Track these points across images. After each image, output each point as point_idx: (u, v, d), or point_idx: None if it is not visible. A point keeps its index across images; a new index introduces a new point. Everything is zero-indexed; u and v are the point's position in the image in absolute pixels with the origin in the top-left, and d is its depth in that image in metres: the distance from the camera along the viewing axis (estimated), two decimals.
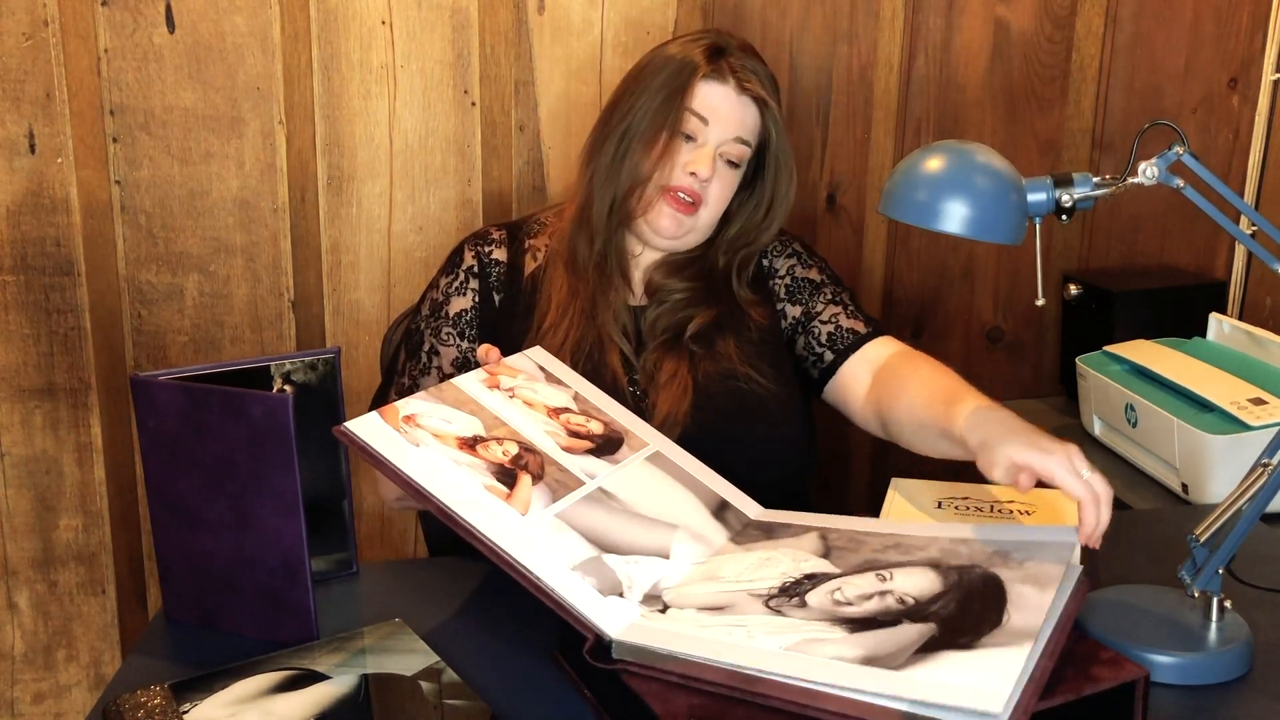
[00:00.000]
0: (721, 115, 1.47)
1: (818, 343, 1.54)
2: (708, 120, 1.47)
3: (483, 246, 1.55)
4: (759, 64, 1.51)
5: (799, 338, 1.56)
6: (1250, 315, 2.29)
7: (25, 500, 2.03)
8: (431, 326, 1.52)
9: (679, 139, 1.47)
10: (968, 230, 1.13)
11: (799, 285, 1.57)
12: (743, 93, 1.48)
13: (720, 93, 1.47)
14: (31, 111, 1.90)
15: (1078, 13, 2.16)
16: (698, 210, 1.49)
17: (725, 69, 1.48)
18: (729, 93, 1.47)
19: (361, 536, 2.09)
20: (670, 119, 1.46)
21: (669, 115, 1.46)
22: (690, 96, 1.46)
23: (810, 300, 1.56)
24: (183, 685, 1.07)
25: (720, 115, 1.47)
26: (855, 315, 1.55)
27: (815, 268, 1.59)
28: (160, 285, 2.00)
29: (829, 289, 1.57)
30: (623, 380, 1.45)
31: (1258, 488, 1.13)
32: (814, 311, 1.55)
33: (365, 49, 1.97)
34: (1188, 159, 1.11)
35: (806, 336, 1.55)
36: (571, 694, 1.08)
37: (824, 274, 1.59)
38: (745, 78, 1.48)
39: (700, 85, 1.47)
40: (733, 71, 1.48)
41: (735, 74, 1.48)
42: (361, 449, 1.10)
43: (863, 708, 0.91)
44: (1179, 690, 1.09)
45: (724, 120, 1.47)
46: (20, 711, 2.10)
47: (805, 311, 1.56)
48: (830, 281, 1.58)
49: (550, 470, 1.17)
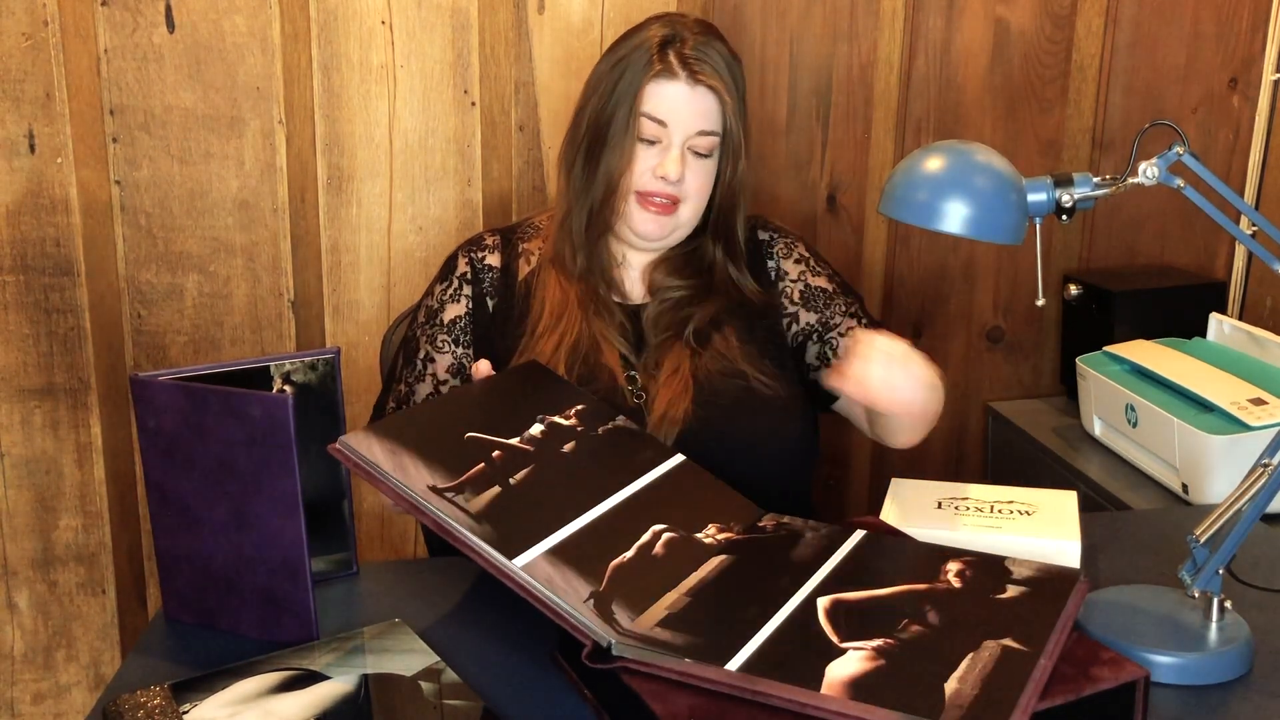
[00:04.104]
0: (679, 113, 1.44)
1: (834, 353, 1.54)
2: (665, 122, 1.44)
3: (476, 252, 1.55)
4: (712, 44, 1.45)
5: (812, 345, 1.55)
6: (1250, 315, 2.29)
7: (25, 500, 2.03)
8: (427, 334, 1.52)
9: (640, 144, 1.45)
10: (968, 230, 1.13)
11: (813, 293, 1.56)
12: (696, 84, 1.43)
13: (673, 90, 1.44)
14: (31, 111, 1.90)
15: (1078, 13, 2.16)
16: (677, 208, 1.48)
17: (674, 63, 1.43)
18: (681, 88, 1.43)
19: (361, 536, 2.09)
20: (628, 126, 1.43)
21: (626, 123, 1.43)
22: (642, 101, 1.43)
23: (826, 309, 1.55)
24: (183, 685, 1.07)
25: (677, 113, 1.44)
26: (869, 327, 1.54)
27: (825, 275, 1.58)
28: (160, 285, 2.00)
29: (841, 300, 1.57)
30: (621, 380, 1.45)
31: (1258, 488, 1.13)
32: (831, 322, 1.54)
33: (365, 49, 1.97)
34: (1188, 159, 1.11)
35: (822, 346, 1.54)
36: (571, 694, 1.08)
37: (834, 282, 1.58)
38: (697, 68, 1.43)
39: (651, 87, 1.43)
40: (683, 63, 1.43)
41: (686, 65, 1.43)
42: (357, 466, 1.10)
43: (863, 709, 0.91)
44: (1179, 690, 1.09)
45: (682, 118, 1.44)
46: (20, 711, 2.10)
47: (822, 320, 1.55)
48: (842, 291, 1.58)
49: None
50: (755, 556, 1.16)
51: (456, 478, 1.12)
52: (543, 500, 1.15)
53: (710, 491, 1.27)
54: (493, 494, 1.12)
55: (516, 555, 1.05)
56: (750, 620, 1.03)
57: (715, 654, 0.98)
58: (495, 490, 1.13)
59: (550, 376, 1.37)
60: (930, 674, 0.94)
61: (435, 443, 1.16)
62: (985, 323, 2.28)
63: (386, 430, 1.15)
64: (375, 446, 1.12)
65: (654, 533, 1.15)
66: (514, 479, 1.16)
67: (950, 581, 1.10)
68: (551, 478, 1.19)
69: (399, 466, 1.10)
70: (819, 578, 1.11)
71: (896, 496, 1.40)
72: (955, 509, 1.37)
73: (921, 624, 1.02)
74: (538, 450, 1.21)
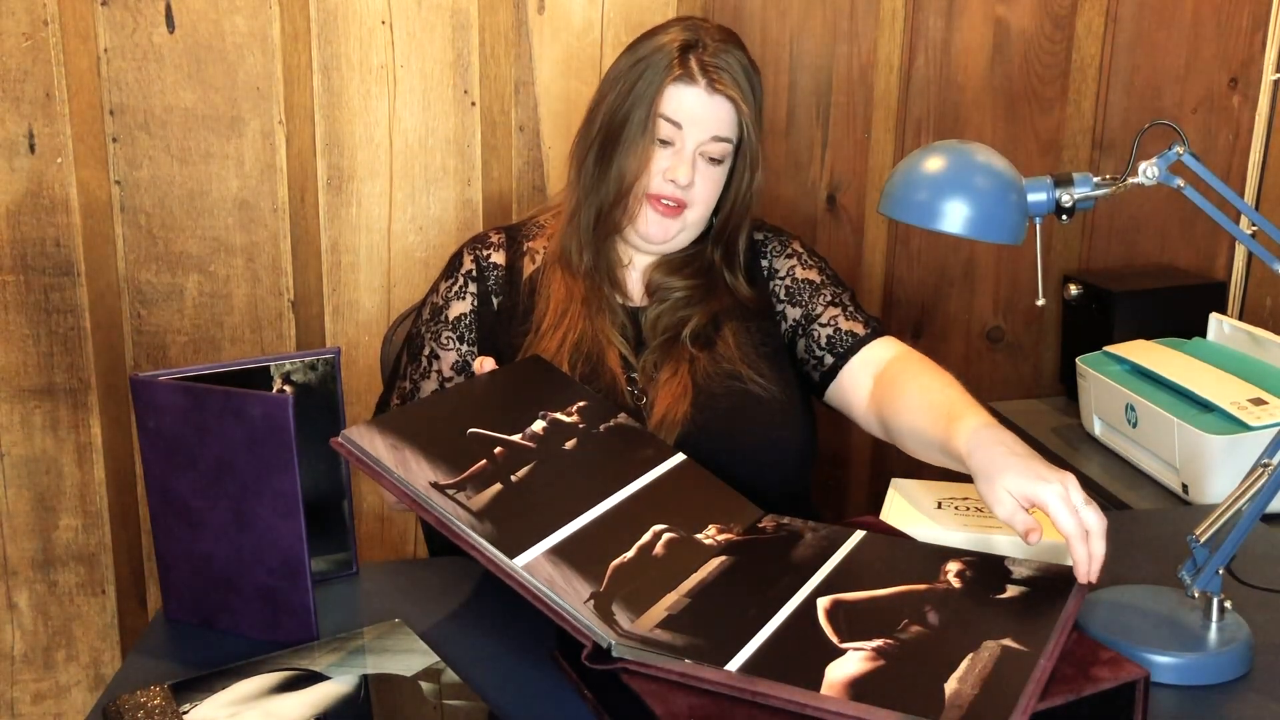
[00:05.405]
0: (695, 118, 1.45)
1: (818, 346, 1.53)
2: (681, 125, 1.45)
3: (481, 250, 1.55)
4: (732, 53, 1.46)
5: (799, 340, 1.55)
6: (1250, 315, 2.29)
7: (25, 500, 2.03)
8: (431, 331, 1.52)
9: (656, 145, 1.45)
10: (968, 230, 1.13)
11: (799, 287, 1.56)
12: (714, 92, 1.44)
13: (691, 95, 1.44)
14: (31, 111, 1.90)
15: (1078, 12, 2.16)
16: (684, 212, 1.48)
17: (695, 69, 1.44)
18: (700, 94, 1.44)
19: (361, 536, 2.09)
20: (645, 127, 1.44)
21: (643, 124, 1.44)
22: (661, 102, 1.44)
23: (810, 302, 1.55)
24: (183, 685, 1.07)
25: (694, 118, 1.45)
26: (854, 317, 1.54)
27: (815, 268, 1.58)
28: (160, 285, 2.00)
29: (829, 290, 1.56)
30: (621, 381, 1.45)
31: (1258, 488, 1.13)
32: (813, 314, 1.54)
33: (365, 49, 1.97)
34: (1188, 159, 1.11)
35: (807, 339, 1.54)
36: (571, 694, 1.08)
37: (824, 275, 1.58)
38: (716, 77, 1.44)
39: (670, 89, 1.44)
40: (703, 70, 1.44)
41: (706, 73, 1.44)
42: (359, 460, 1.10)
43: (863, 709, 0.91)
44: (1179, 690, 1.09)
45: (698, 123, 1.45)
46: (20, 712, 2.10)
47: (805, 314, 1.55)
48: (830, 282, 1.57)
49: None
50: (755, 557, 1.16)
51: (458, 474, 1.12)
52: (544, 498, 1.15)
53: (711, 491, 1.27)
54: (494, 491, 1.12)
55: (517, 554, 1.05)
56: (750, 621, 1.03)
57: (715, 655, 0.97)
58: (497, 487, 1.13)
59: (552, 372, 1.37)
60: (930, 674, 0.94)
61: (437, 438, 1.16)
62: (985, 323, 2.28)
63: (389, 425, 1.15)
64: (378, 441, 1.12)
65: (654, 533, 1.15)
66: (515, 476, 1.16)
67: (950, 582, 1.10)
68: (553, 475, 1.19)
69: (401, 462, 1.10)
70: (819, 578, 1.11)
71: (896, 496, 1.40)
72: (955, 509, 1.37)
73: (921, 624, 1.02)
74: (539, 447, 1.21)
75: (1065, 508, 1.11)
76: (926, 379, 1.40)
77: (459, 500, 1.09)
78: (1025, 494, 1.13)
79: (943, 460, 1.31)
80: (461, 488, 1.11)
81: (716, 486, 1.28)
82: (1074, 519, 1.11)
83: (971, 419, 1.25)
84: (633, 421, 1.33)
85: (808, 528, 1.23)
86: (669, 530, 1.17)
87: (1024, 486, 1.13)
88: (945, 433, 1.27)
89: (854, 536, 1.20)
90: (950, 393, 1.35)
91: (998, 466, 1.17)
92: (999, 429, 1.23)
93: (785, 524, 1.24)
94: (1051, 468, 1.15)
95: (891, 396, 1.43)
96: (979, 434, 1.22)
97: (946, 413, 1.30)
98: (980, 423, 1.24)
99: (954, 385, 1.37)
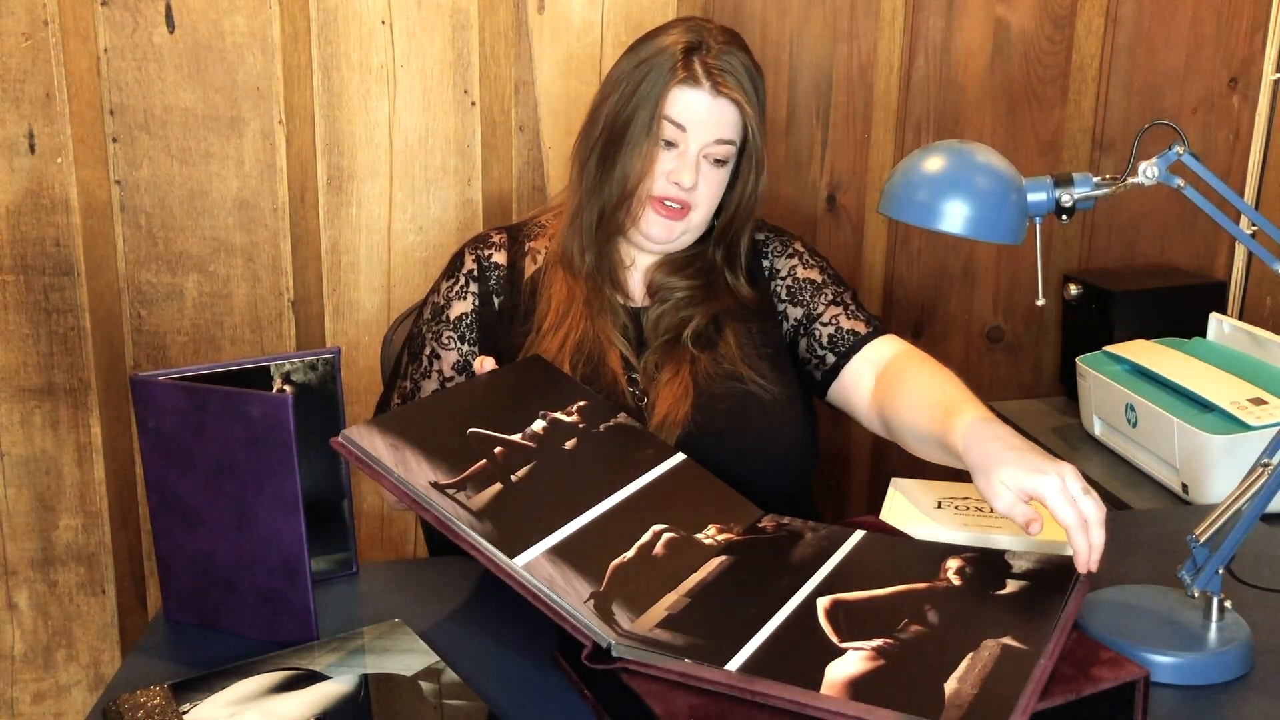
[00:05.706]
0: (699, 120, 1.44)
1: (819, 345, 1.53)
2: (685, 127, 1.44)
3: (482, 250, 1.55)
4: (736, 54, 1.46)
5: (801, 340, 1.55)
6: (1250, 315, 2.29)
7: (25, 500, 2.03)
8: (433, 330, 1.52)
9: (659, 148, 1.45)
10: (968, 230, 1.13)
11: (800, 286, 1.56)
12: (719, 95, 1.44)
13: (696, 98, 1.44)
14: (31, 111, 1.90)
15: (1078, 13, 2.16)
16: (687, 214, 1.48)
17: (699, 71, 1.44)
18: (704, 97, 1.44)
19: (361, 536, 2.09)
20: (648, 129, 1.44)
21: (647, 126, 1.44)
22: (665, 104, 1.44)
23: (811, 301, 1.55)
24: (183, 685, 1.07)
25: (698, 120, 1.44)
26: (856, 315, 1.54)
27: (816, 268, 1.58)
28: (160, 285, 2.00)
29: (830, 289, 1.56)
30: (622, 381, 1.45)
31: (1258, 488, 1.13)
32: (815, 313, 1.54)
33: (365, 49, 1.97)
34: (1188, 159, 1.11)
35: (808, 338, 1.54)
36: (571, 694, 1.08)
37: (825, 274, 1.58)
38: (720, 79, 1.44)
39: (674, 91, 1.44)
40: (707, 73, 1.44)
41: (710, 75, 1.44)
42: (359, 460, 1.10)
43: (863, 709, 0.91)
44: (1179, 690, 1.09)
45: (702, 125, 1.44)
46: (20, 711, 2.10)
47: (806, 313, 1.55)
48: (831, 281, 1.57)
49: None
50: (755, 557, 1.16)
51: (458, 474, 1.12)
52: (544, 498, 1.15)
53: (711, 491, 1.27)
54: (494, 491, 1.12)
55: (518, 554, 1.05)
56: (750, 621, 1.03)
57: (715, 655, 0.98)
58: (497, 487, 1.13)
59: (552, 372, 1.37)
60: (930, 674, 0.94)
61: (437, 438, 1.16)
62: (985, 323, 2.28)
63: (389, 424, 1.15)
64: (378, 440, 1.12)
65: (654, 533, 1.15)
66: (515, 476, 1.16)
67: (950, 580, 1.10)
68: (553, 475, 1.19)
69: (401, 461, 1.10)
70: (819, 578, 1.11)
71: (896, 496, 1.40)
72: (955, 509, 1.37)
73: (921, 623, 1.02)
74: (539, 447, 1.21)
75: (1063, 499, 1.11)
76: (927, 376, 1.40)
77: (459, 500, 1.09)
78: (1022, 486, 1.13)
79: (942, 457, 1.31)
80: (461, 487, 1.11)
81: (716, 486, 1.28)
82: (1072, 509, 1.10)
83: (968, 414, 1.25)
84: (633, 421, 1.33)
85: (808, 528, 1.23)
86: (669, 530, 1.17)
87: (1021, 479, 1.13)
88: (943, 429, 1.27)
89: (854, 536, 1.20)
90: (949, 389, 1.35)
91: (994, 460, 1.16)
92: (995, 423, 1.23)
93: (785, 524, 1.24)
94: (1048, 458, 1.15)
95: (892, 394, 1.43)
96: (975, 428, 1.22)
97: (944, 409, 1.30)
98: (976, 417, 1.24)
99: (953, 382, 1.37)
